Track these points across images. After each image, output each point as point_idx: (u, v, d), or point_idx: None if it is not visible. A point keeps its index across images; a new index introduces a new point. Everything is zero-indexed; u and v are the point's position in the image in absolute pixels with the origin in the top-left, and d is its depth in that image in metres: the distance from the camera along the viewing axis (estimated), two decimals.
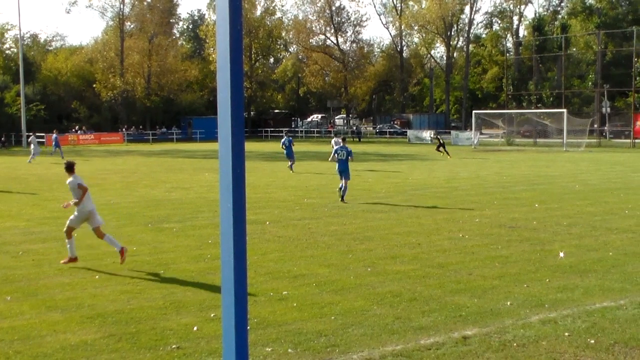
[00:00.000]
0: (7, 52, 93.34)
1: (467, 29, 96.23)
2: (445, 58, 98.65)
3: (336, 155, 22.69)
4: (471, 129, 67.84)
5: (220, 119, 3.03)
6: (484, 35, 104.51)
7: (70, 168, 12.84)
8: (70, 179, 12.76)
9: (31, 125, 72.69)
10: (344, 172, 22.20)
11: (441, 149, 45.29)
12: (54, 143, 49.03)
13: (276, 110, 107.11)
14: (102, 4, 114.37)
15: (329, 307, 9.77)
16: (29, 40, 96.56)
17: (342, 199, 21.76)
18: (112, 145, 70.87)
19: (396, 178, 29.69)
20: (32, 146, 44.95)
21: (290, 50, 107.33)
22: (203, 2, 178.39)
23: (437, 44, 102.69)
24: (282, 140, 35.87)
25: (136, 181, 29.98)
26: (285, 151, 35.14)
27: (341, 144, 23.32)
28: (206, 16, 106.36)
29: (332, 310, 9.61)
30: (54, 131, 54.12)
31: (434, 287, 10.86)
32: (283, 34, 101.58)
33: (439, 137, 50.10)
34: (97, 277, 11.69)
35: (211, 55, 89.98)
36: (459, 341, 8.29)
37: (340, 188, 22.08)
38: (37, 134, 70.41)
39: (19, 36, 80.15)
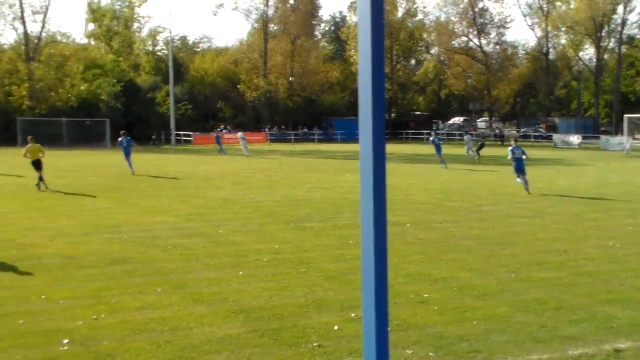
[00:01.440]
0: (158, 53, 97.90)
1: (619, 29, 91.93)
2: (594, 60, 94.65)
3: (513, 154, 25.52)
4: (622, 134, 64.77)
5: (361, 120, 2.99)
6: (638, 36, 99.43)
7: None
8: None
9: (179, 124, 76.06)
10: (522, 169, 25.29)
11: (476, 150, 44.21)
12: (242, 142, 52.63)
13: (417, 112, 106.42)
14: (247, 6, 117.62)
15: (471, 312, 9.56)
16: (179, 42, 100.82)
17: (528, 192, 24.55)
18: (255, 145, 72.51)
19: (541, 183, 28.72)
20: (241, 143, 51.93)
21: (431, 52, 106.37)
22: (344, 4, 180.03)
23: (586, 46, 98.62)
24: (431, 138, 40.59)
25: (279, 180, 30.62)
26: (435, 149, 39.44)
27: (515, 145, 26.03)
28: (347, 18, 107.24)
29: (474, 315, 9.40)
30: (240, 131, 61.14)
31: (583, 296, 10.40)
32: (424, 36, 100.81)
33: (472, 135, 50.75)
34: (240, 273, 11.99)
35: (352, 57, 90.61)
36: (610, 354, 7.88)
37: (524, 183, 24.99)
38: (184, 132, 74.15)
39: (169, 39, 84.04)
